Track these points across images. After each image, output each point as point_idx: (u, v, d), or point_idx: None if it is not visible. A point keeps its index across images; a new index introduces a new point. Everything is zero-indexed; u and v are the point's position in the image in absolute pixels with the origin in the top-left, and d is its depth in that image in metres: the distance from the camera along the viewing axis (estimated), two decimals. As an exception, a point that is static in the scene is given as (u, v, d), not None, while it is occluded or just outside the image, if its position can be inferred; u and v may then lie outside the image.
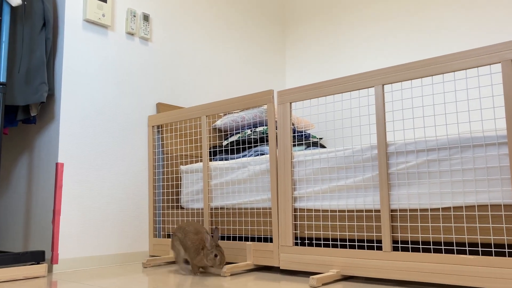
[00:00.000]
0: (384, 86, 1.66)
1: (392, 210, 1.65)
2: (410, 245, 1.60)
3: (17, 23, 2.10)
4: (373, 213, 1.70)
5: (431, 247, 1.57)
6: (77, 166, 2.23)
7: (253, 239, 2.15)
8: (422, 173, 1.60)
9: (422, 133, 2.55)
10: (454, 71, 1.55)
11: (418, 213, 1.59)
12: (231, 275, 1.90)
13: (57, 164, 2.16)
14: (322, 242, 1.83)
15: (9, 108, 2.16)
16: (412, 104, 1.67)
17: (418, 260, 1.54)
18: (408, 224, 1.61)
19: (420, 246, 1.59)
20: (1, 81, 1.94)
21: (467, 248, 1.51)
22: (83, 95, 2.30)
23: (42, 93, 2.10)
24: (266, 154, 2.33)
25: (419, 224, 1.59)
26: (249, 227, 2.09)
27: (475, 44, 2.68)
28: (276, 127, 2.11)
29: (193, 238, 1.86)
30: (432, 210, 1.57)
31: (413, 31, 2.98)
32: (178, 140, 2.61)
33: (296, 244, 1.90)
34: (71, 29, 2.28)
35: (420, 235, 1.58)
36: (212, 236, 1.84)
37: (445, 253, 1.60)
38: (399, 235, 1.62)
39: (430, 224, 1.56)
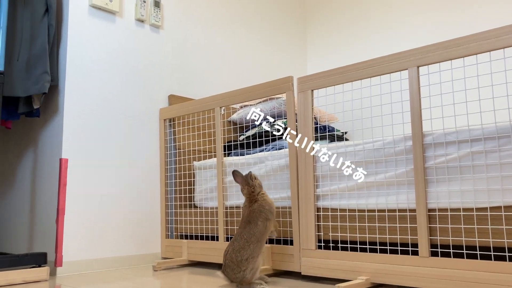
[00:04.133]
0: (420, 68, 1.47)
1: (429, 210, 1.49)
2: (451, 250, 1.44)
3: (17, 8, 1.96)
4: (408, 213, 1.55)
5: (478, 252, 1.40)
6: (82, 162, 2.10)
7: (271, 241, 2.00)
8: (465, 168, 1.43)
9: (465, 121, 2.30)
10: (504, 48, 1.34)
11: (461, 213, 1.42)
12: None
13: (61, 160, 2.03)
14: (349, 245, 1.69)
15: (10, 100, 2.03)
16: (452, 87, 1.46)
17: (461, 268, 1.38)
18: (449, 226, 1.44)
19: (464, 252, 1.42)
20: (-1, 70, 1.80)
21: (521, 255, 1.31)
22: (89, 86, 2.16)
23: (44, 83, 1.96)
24: (286, 148, 2.16)
25: (462, 226, 1.42)
26: (267, 228, 1.92)
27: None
28: (296, 119, 1.94)
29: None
30: (477, 209, 1.40)
31: (451, 8, 2.73)
32: (191, 134, 2.46)
33: (320, 247, 1.76)
34: (76, 15, 2.15)
35: (463, 239, 1.41)
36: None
37: (494, 260, 1.40)
38: (438, 238, 1.46)
39: (475, 226, 1.39)
